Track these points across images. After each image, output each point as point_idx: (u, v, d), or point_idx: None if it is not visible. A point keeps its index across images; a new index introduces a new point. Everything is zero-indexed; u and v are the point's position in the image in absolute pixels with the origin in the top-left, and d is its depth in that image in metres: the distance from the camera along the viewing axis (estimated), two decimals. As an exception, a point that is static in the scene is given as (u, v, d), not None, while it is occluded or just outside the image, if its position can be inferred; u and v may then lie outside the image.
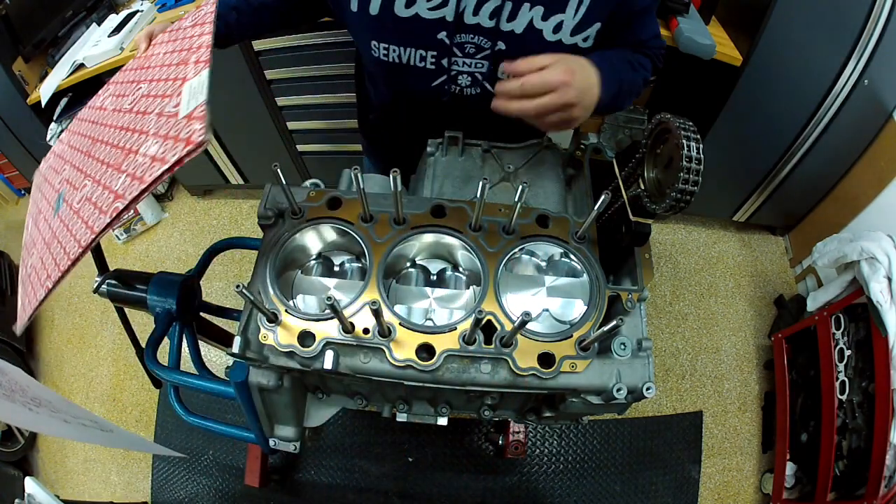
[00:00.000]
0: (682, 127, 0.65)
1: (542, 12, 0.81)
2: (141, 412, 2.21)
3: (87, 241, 0.55)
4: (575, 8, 0.81)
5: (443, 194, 0.89)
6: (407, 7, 0.82)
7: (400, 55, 0.88)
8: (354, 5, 0.86)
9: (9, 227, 2.98)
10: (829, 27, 1.49)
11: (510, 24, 0.82)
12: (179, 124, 0.56)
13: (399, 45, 0.87)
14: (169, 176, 0.53)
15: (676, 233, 2.33)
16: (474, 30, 0.84)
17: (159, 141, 0.57)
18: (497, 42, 0.85)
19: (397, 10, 0.83)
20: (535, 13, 0.81)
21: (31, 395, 0.64)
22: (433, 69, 0.89)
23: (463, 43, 0.85)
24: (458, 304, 0.76)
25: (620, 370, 0.69)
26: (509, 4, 0.81)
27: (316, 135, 2.12)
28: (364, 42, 0.90)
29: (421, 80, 0.91)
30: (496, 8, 0.81)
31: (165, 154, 0.53)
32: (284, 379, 0.77)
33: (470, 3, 0.81)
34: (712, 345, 2.11)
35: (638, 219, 0.74)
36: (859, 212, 1.83)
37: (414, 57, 0.88)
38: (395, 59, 0.88)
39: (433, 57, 0.87)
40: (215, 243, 1.02)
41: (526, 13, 0.81)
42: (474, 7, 0.81)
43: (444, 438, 1.93)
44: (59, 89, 2.06)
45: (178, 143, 0.53)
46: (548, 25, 0.82)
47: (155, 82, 0.74)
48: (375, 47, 0.88)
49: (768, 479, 1.85)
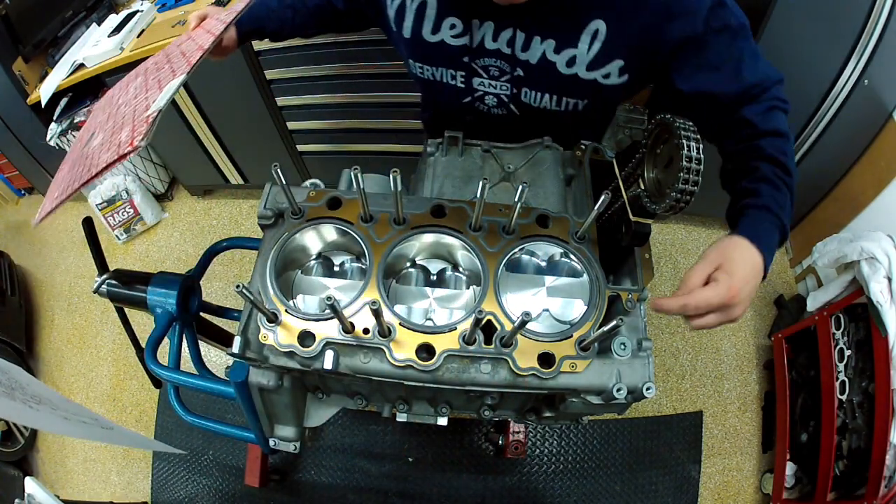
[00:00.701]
0: (682, 127, 0.65)
1: (554, 45, 0.82)
2: (141, 412, 2.21)
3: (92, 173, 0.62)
4: (588, 43, 0.79)
5: (443, 194, 0.90)
6: (433, 33, 0.88)
7: (433, 73, 0.94)
8: (393, 25, 0.91)
9: (9, 227, 2.98)
10: (829, 27, 1.49)
11: (525, 53, 0.84)
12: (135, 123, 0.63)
13: (431, 66, 0.93)
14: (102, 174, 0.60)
15: (676, 233, 2.33)
16: (495, 55, 0.87)
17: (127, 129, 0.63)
18: (516, 68, 0.87)
19: (425, 35, 0.88)
20: (547, 46, 0.82)
21: (31, 392, 0.64)
22: (463, 87, 0.94)
23: (487, 66, 0.89)
24: (458, 304, 0.76)
25: (620, 370, 0.69)
26: (522, 35, 0.83)
27: (316, 135, 2.12)
28: (405, 58, 0.97)
29: (452, 97, 0.96)
30: (511, 37, 0.83)
31: (109, 151, 0.60)
32: (284, 379, 0.77)
33: (488, 31, 0.84)
34: (712, 345, 2.11)
35: (638, 219, 0.74)
36: (859, 212, 1.82)
37: (445, 75, 0.93)
38: (430, 77, 0.94)
39: (462, 77, 0.92)
40: (215, 243, 1.02)
41: (538, 45, 0.82)
42: (492, 34, 0.84)
43: (444, 438, 1.93)
44: (59, 89, 2.06)
45: (117, 145, 0.60)
46: (560, 59, 0.82)
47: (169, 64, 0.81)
48: (412, 64, 0.95)
49: (768, 479, 1.84)
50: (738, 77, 0.77)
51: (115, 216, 2.51)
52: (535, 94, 0.89)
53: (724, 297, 0.64)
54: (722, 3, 0.75)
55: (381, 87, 1.86)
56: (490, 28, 0.84)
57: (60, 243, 2.77)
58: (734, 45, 0.77)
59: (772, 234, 0.73)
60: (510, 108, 0.94)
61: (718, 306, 0.64)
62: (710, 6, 0.74)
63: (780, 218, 0.73)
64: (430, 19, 0.87)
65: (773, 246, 0.72)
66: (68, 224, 2.82)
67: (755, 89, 0.77)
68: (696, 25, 0.75)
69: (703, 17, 0.74)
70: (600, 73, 0.82)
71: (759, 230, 0.71)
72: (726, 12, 0.76)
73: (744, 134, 0.78)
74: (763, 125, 0.77)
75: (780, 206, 0.73)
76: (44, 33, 2.18)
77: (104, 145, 0.66)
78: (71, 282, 2.63)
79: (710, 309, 0.65)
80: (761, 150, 0.76)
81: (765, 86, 0.78)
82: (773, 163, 0.75)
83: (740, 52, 0.77)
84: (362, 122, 2.00)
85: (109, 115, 0.80)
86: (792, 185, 0.76)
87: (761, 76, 0.78)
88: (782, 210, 0.74)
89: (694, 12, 0.75)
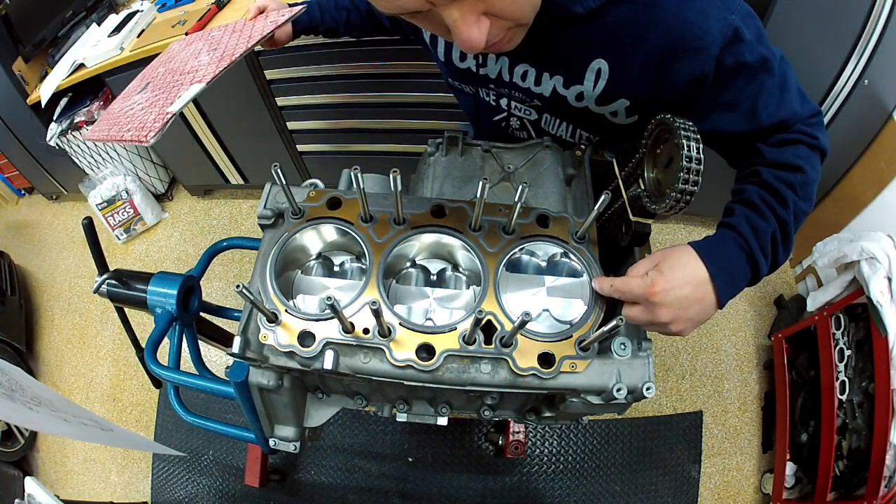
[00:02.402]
0: (682, 127, 0.65)
1: (562, 81, 0.82)
2: (141, 412, 2.21)
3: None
4: (593, 81, 0.79)
5: (443, 194, 0.90)
6: (461, 61, 0.91)
7: (469, 89, 0.97)
8: (428, 42, 0.95)
9: (9, 227, 2.98)
10: (829, 27, 1.49)
11: (538, 87, 0.86)
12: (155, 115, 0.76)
13: (466, 84, 0.96)
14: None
15: (676, 233, 2.33)
16: (513, 87, 0.89)
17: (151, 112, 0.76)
18: (533, 99, 0.90)
19: (455, 61, 0.92)
20: (556, 82, 0.83)
21: (31, 394, 0.64)
22: (495, 105, 0.97)
23: (511, 93, 0.92)
24: (458, 304, 0.76)
25: (620, 370, 0.69)
26: (533, 71, 0.84)
27: (316, 135, 2.12)
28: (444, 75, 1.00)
29: (485, 112, 1.00)
30: (524, 72, 0.85)
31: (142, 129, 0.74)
32: (284, 379, 0.77)
33: (504, 65, 0.87)
34: (712, 345, 2.11)
35: (638, 219, 0.74)
36: (859, 212, 1.82)
37: (481, 92, 0.96)
38: (469, 90, 0.98)
39: (494, 95, 0.95)
40: (215, 243, 1.02)
41: (548, 81, 0.84)
42: (507, 69, 0.87)
43: (444, 438, 1.93)
44: (59, 89, 2.06)
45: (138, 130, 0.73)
46: (570, 93, 0.83)
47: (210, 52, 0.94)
48: (451, 81, 0.99)
49: (768, 479, 1.85)
50: (756, 117, 0.72)
51: (115, 216, 2.51)
52: (554, 121, 0.92)
53: (644, 289, 0.65)
54: (738, 38, 0.68)
55: (381, 87, 1.86)
56: (505, 63, 0.86)
57: (60, 243, 2.77)
58: (753, 84, 0.71)
59: (733, 257, 0.68)
60: (531, 132, 0.98)
61: (640, 298, 0.66)
62: (722, 44, 0.68)
63: (749, 242, 0.68)
64: (457, 49, 0.90)
65: (731, 268, 0.67)
66: (68, 224, 2.82)
67: (776, 129, 0.73)
68: (705, 64, 0.69)
69: (713, 54, 0.68)
70: (608, 111, 0.82)
71: (717, 247, 0.68)
72: (742, 48, 0.69)
73: (750, 162, 0.76)
74: (771, 156, 0.73)
75: (754, 230, 0.68)
76: (44, 33, 2.18)
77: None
78: (71, 282, 2.63)
79: (634, 299, 0.67)
80: (757, 175, 0.73)
81: (789, 124, 0.73)
82: (765, 188, 0.71)
83: (759, 89, 0.71)
84: (362, 122, 2.00)
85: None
86: (786, 217, 0.69)
87: (786, 114, 0.72)
88: (755, 234, 0.68)
89: (702, 49, 0.68)
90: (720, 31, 0.68)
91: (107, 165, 2.46)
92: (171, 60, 1.03)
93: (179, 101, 0.76)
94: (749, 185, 0.72)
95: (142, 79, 1.01)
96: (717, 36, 0.68)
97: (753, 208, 0.70)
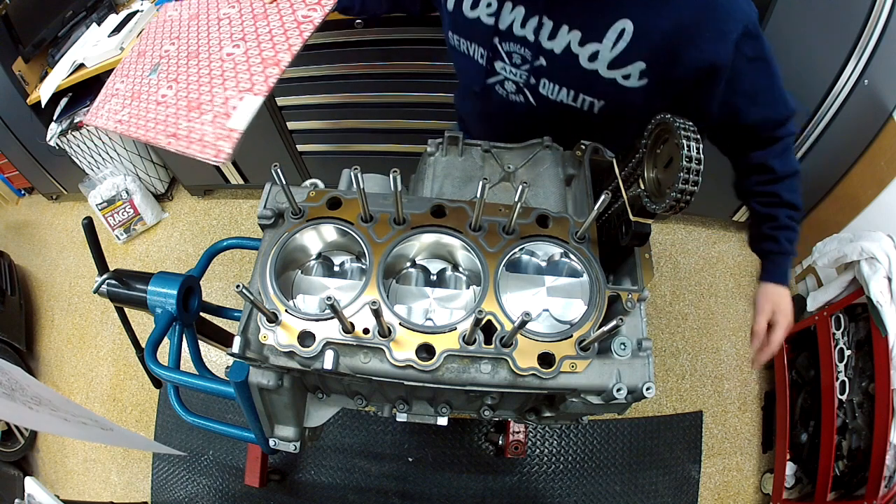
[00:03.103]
0: (682, 127, 0.65)
1: (580, 38, 0.82)
2: (141, 412, 2.21)
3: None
4: (613, 41, 0.80)
5: (443, 194, 0.89)
6: (472, 9, 0.92)
7: (467, 47, 0.98)
8: None
9: (9, 227, 2.98)
10: (829, 27, 1.49)
11: (550, 42, 0.86)
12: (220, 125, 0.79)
13: (465, 39, 0.98)
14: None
15: (676, 233, 2.33)
16: (521, 41, 0.89)
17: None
18: (539, 56, 0.89)
19: (465, 10, 0.93)
20: (573, 37, 0.83)
21: (31, 393, 0.64)
22: (486, 67, 0.97)
23: (511, 52, 0.92)
24: (458, 304, 0.76)
25: (620, 370, 0.69)
26: (549, 23, 0.84)
27: (316, 135, 2.12)
28: (445, 30, 1.02)
29: (478, 74, 1.00)
30: (537, 25, 0.85)
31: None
32: (284, 379, 0.77)
33: (518, 15, 0.87)
34: (712, 345, 2.11)
35: (638, 219, 0.73)
36: (859, 212, 1.82)
37: (476, 52, 0.97)
38: (464, 51, 0.99)
39: (488, 57, 0.95)
40: (215, 243, 1.02)
41: (564, 35, 0.84)
42: (521, 20, 0.87)
43: (444, 438, 1.93)
44: (59, 89, 2.06)
45: (206, 145, 0.76)
46: (584, 52, 0.83)
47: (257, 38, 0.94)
48: (450, 35, 1.00)
49: (768, 479, 1.85)
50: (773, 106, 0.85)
51: (115, 216, 2.51)
52: (553, 86, 0.91)
53: (785, 333, 0.96)
54: (756, 35, 0.77)
55: (381, 88, 1.86)
56: (520, 14, 0.86)
57: (60, 243, 2.77)
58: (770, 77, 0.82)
59: (789, 269, 0.98)
60: (527, 97, 0.96)
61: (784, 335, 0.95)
62: (742, 32, 0.75)
63: (793, 253, 0.96)
64: None
65: (790, 274, 0.96)
66: (68, 224, 2.82)
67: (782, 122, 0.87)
68: (726, 48, 0.76)
69: (733, 40, 0.75)
70: (620, 73, 0.82)
71: (783, 272, 0.97)
72: (759, 43, 0.78)
73: (764, 178, 0.92)
74: (782, 169, 0.90)
75: (791, 242, 0.95)
76: (44, 33, 2.19)
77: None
78: (71, 282, 2.63)
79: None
80: (779, 196, 0.92)
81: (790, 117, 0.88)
82: (789, 207, 0.93)
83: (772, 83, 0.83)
84: (362, 122, 2.00)
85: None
86: (800, 218, 0.95)
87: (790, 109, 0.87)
88: (792, 244, 0.96)
89: (725, 32, 0.75)
90: (742, 19, 0.75)
91: (107, 165, 2.46)
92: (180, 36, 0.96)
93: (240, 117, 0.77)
94: (777, 210, 0.94)
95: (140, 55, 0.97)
96: (739, 24, 0.75)
97: (788, 229, 0.94)
